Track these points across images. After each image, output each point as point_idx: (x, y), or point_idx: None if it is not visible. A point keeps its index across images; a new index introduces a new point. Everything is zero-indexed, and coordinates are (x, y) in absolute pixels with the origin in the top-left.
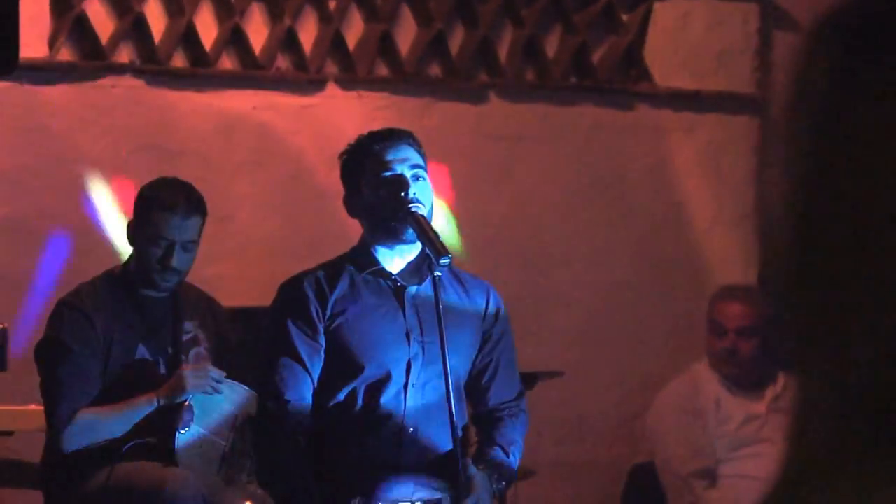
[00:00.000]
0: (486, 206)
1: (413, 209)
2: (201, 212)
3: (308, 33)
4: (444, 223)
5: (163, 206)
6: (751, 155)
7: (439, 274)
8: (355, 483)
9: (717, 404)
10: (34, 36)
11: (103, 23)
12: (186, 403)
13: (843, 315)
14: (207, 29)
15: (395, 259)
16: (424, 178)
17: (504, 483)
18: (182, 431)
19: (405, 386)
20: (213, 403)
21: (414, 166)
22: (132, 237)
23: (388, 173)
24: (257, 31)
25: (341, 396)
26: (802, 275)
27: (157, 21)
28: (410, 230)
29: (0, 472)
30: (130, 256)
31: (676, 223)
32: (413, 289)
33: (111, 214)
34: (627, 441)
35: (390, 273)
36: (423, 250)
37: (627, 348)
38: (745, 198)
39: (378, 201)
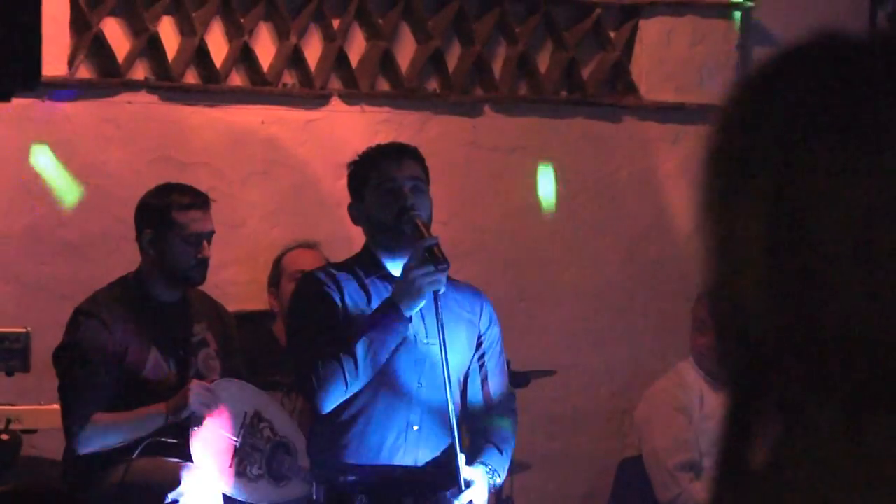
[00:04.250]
0: (482, 213)
1: (415, 215)
2: (209, 202)
3: (313, 51)
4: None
5: (182, 206)
6: None
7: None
8: (357, 482)
9: (701, 400)
10: (54, 54)
11: (119, 42)
12: None
13: None
14: (218, 47)
15: (398, 264)
16: (424, 191)
17: (499, 480)
18: (195, 429)
19: (412, 387)
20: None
21: (414, 178)
22: (158, 245)
23: (391, 185)
24: (265, 50)
25: (355, 398)
26: None
27: (170, 40)
28: (410, 236)
29: (24, 469)
30: (143, 263)
31: (662, 228)
32: None
33: (128, 223)
34: (617, 436)
35: (395, 277)
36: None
37: (617, 347)
38: None
39: (380, 211)
